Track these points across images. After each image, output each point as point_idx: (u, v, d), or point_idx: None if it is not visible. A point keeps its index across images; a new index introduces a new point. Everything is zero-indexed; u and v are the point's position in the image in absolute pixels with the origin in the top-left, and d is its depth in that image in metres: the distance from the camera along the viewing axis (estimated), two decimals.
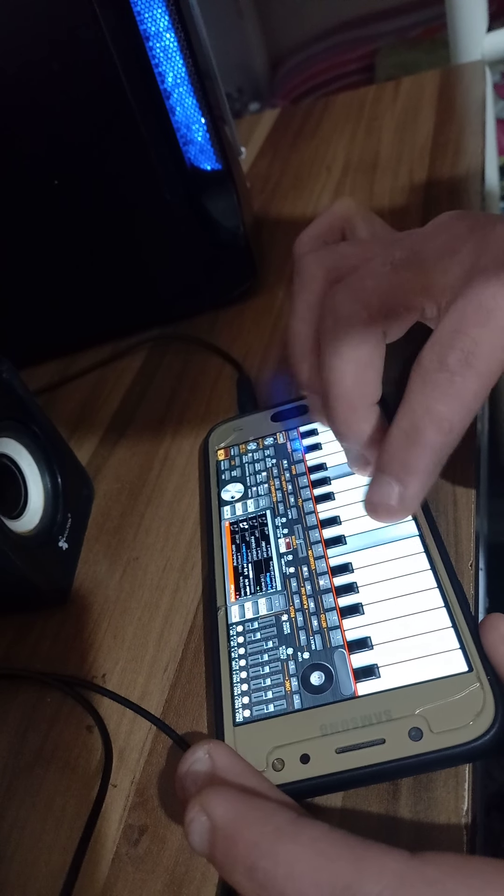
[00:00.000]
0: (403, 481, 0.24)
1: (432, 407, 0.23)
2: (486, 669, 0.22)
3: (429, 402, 0.23)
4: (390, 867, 0.16)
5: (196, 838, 0.19)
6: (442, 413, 0.23)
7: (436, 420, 0.23)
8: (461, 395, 0.23)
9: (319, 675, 0.23)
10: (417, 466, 0.24)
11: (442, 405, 0.23)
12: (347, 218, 0.33)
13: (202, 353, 0.42)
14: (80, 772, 0.26)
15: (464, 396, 0.23)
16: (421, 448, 0.23)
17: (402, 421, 0.24)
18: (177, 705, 0.26)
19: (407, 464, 0.24)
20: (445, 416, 0.23)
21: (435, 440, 0.23)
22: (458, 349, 0.22)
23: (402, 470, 0.24)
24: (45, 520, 0.32)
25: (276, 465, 0.32)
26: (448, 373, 0.23)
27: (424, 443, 0.23)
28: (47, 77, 0.35)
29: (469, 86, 0.57)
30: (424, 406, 0.23)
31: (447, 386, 0.23)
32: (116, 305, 0.45)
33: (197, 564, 0.31)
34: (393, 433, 0.24)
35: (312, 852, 0.17)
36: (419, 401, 0.23)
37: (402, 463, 0.24)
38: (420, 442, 0.23)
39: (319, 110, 0.63)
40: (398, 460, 0.24)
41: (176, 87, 0.38)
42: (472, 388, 0.23)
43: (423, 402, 0.23)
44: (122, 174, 0.38)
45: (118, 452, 0.38)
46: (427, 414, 0.23)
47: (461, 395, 0.23)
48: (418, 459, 0.24)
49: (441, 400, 0.23)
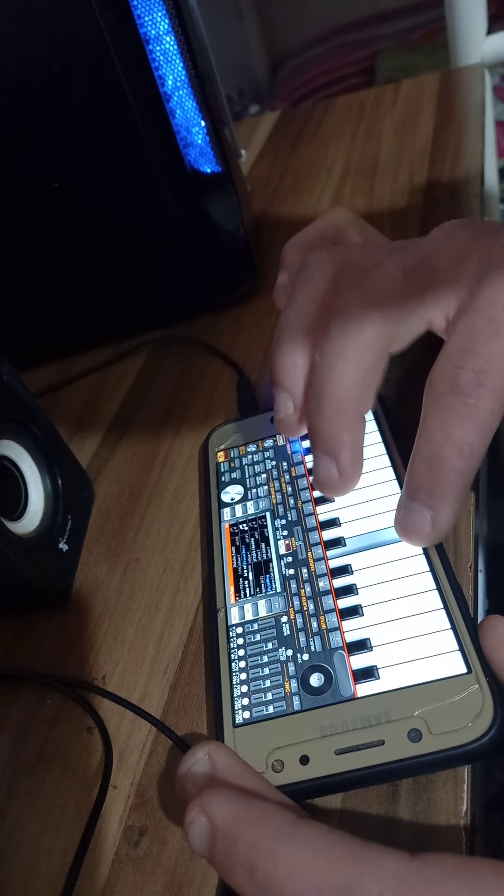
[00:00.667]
0: (433, 507, 0.24)
1: (450, 433, 0.23)
2: (484, 671, 0.22)
3: (445, 427, 0.23)
4: (390, 868, 0.16)
5: (196, 839, 0.19)
6: (460, 438, 0.22)
7: (455, 446, 0.22)
8: (477, 417, 0.22)
9: (319, 677, 0.24)
10: (445, 492, 0.23)
11: (459, 430, 0.22)
12: (340, 227, 0.32)
13: (202, 355, 0.42)
14: (81, 773, 0.26)
15: (480, 418, 0.22)
16: (445, 474, 0.23)
17: (423, 448, 0.23)
18: (177, 707, 0.26)
19: (434, 491, 0.23)
20: (464, 440, 0.22)
21: (458, 465, 0.23)
22: (468, 369, 0.22)
23: (430, 497, 0.24)
24: (46, 521, 0.32)
25: (275, 466, 0.32)
26: (462, 395, 0.22)
27: (447, 469, 0.23)
28: (47, 79, 0.35)
29: (469, 88, 0.57)
30: (442, 432, 0.23)
31: (462, 409, 0.22)
32: (117, 307, 0.45)
33: (197, 566, 0.31)
34: (415, 461, 0.24)
35: (312, 853, 0.17)
36: (436, 426, 0.23)
37: (429, 490, 0.24)
38: (443, 469, 0.23)
39: (319, 113, 0.63)
40: (425, 488, 0.24)
41: (176, 90, 0.38)
42: (488, 408, 0.22)
43: (440, 427, 0.23)
44: (122, 177, 0.38)
45: (118, 454, 0.38)
46: (446, 441, 0.23)
47: (477, 417, 0.22)
48: (444, 486, 0.23)
49: (458, 425, 0.22)
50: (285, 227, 0.51)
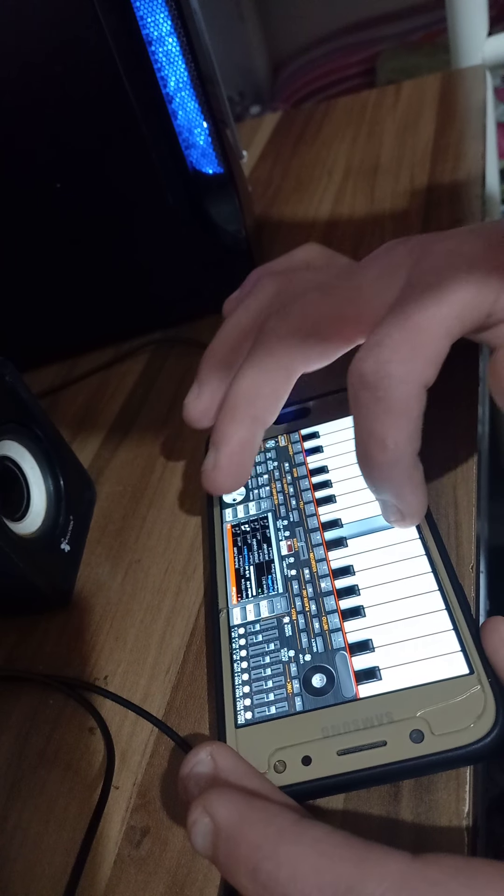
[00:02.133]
0: (396, 497, 0.24)
1: (370, 429, 0.23)
2: (486, 672, 0.22)
3: (364, 423, 0.23)
4: (392, 869, 0.16)
5: (199, 840, 0.19)
6: (380, 432, 0.23)
7: (378, 442, 0.23)
8: (390, 408, 0.22)
9: (321, 678, 0.24)
10: (390, 485, 0.24)
11: (376, 424, 0.23)
12: (308, 261, 0.33)
13: None
14: (83, 774, 0.26)
15: (393, 409, 0.22)
16: (380, 470, 0.24)
17: (357, 448, 0.24)
18: (178, 707, 0.26)
19: (381, 486, 0.24)
20: (384, 434, 0.23)
21: (387, 459, 0.23)
22: (372, 361, 0.22)
23: (384, 489, 0.24)
24: (48, 522, 0.32)
25: (277, 467, 0.32)
26: (370, 389, 0.22)
27: (380, 465, 0.23)
28: (50, 81, 0.35)
29: (470, 90, 0.57)
30: (363, 429, 0.23)
31: (374, 404, 0.22)
32: (118, 308, 0.45)
33: (199, 567, 0.31)
34: (358, 461, 0.25)
35: (315, 854, 0.17)
36: (358, 424, 0.23)
37: (378, 484, 0.24)
38: (376, 465, 0.23)
39: (321, 114, 0.63)
40: (376, 482, 0.24)
41: (178, 91, 0.38)
42: (399, 398, 0.22)
43: (361, 424, 0.23)
44: (124, 178, 0.39)
45: (120, 455, 0.38)
46: (369, 438, 0.23)
47: (390, 408, 0.22)
48: (387, 480, 0.24)
49: (374, 420, 0.23)
50: (286, 228, 0.51)
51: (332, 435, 0.32)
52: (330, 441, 0.32)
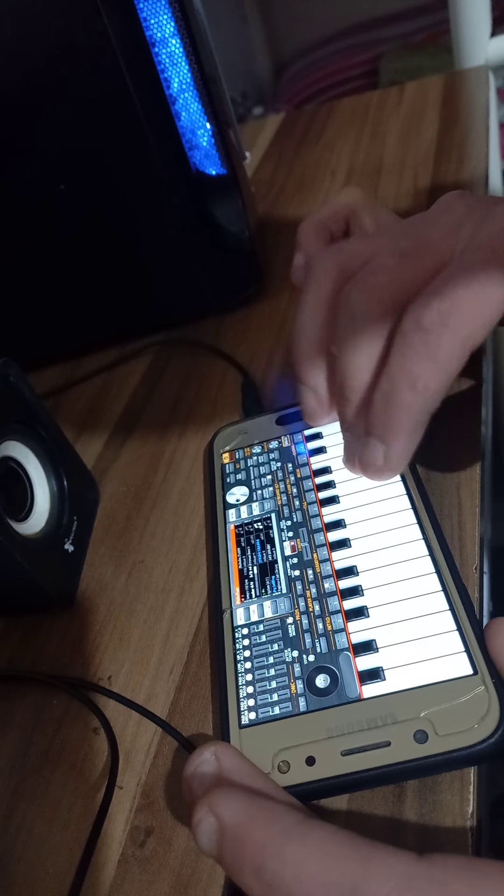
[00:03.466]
0: (386, 441, 0.25)
1: (406, 367, 0.23)
2: (490, 672, 0.22)
3: (403, 362, 0.23)
4: (397, 869, 0.16)
5: (204, 839, 0.19)
6: (416, 373, 0.23)
7: (409, 380, 0.23)
8: (435, 355, 0.23)
9: (325, 678, 0.24)
10: (396, 427, 0.24)
11: (416, 365, 0.23)
12: (352, 208, 0.33)
13: (207, 357, 0.42)
14: (87, 774, 0.26)
15: (438, 357, 0.23)
16: (397, 409, 0.24)
17: (383, 382, 0.24)
18: (182, 708, 0.26)
19: (387, 425, 0.25)
20: (419, 376, 0.23)
21: (410, 400, 0.24)
22: (434, 308, 0.23)
23: (384, 430, 0.25)
24: (51, 522, 0.32)
25: (280, 468, 0.32)
26: (423, 332, 0.23)
27: (400, 403, 0.24)
28: (54, 82, 0.36)
29: (473, 91, 0.57)
30: (399, 366, 0.24)
31: (422, 347, 0.23)
32: (122, 309, 0.45)
33: (202, 567, 0.31)
34: (375, 395, 0.25)
35: (320, 853, 0.17)
36: (396, 361, 0.24)
37: (382, 424, 0.25)
38: (396, 402, 0.24)
39: (324, 115, 0.63)
40: (380, 422, 0.25)
41: (181, 92, 0.38)
42: (447, 348, 0.23)
43: (398, 362, 0.24)
44: (127, 179, 0.39)
45: (123, 455, 0.39)
46: (402, 374, 0.23)
47: (435, 355, 0.23)
48: (396, 420, 0.24)
49: (415, 360, 0.23)
50: (290, 229, 0.50)
51: (335, 436, 0.32)
52: (333, 442, 0.32)
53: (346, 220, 0.34)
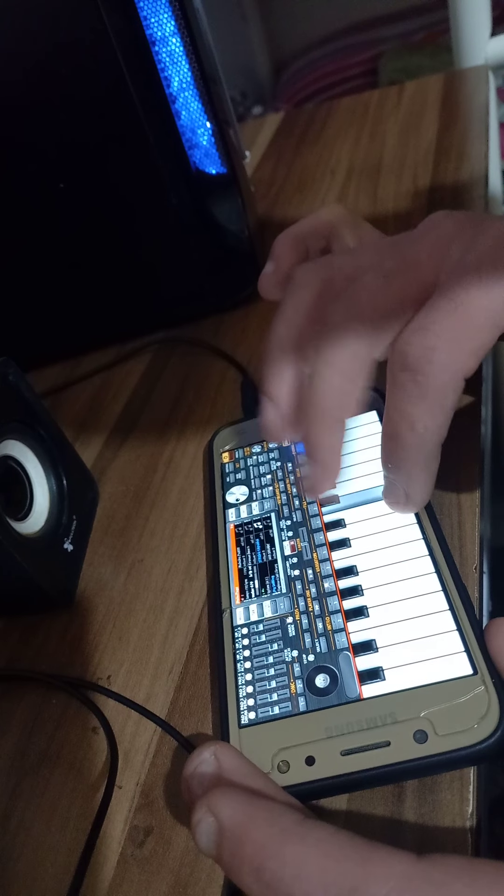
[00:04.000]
0: (403, 481, 0.25)
1: (402, 409, 0.23)
2: (490, 672, 0.22)
3: (398, 404, 0.23)
4: (397, 869, 0.16)
5: (203, 839, 0.19)
6: (413, 415, 0.23)
7: (408, 423, 0.23)
8: (426, 393, 0.23)
9: (324, 678, 0.24)
10: (408, 467, 0.24)
11: (410, 406, 0.23)
12: (333, 224, 0.32)
13: (207, 357, 0.42)
14: (86, 773, 0.26)
15: (429, 395, 0.23)
16: (403, 451, 0.24)
17: (385, 426, 0.25)
18: (182, 707, 0.26)
19: (398, 467, 0.25)
20: (417, 417, 0.23)
21: (414, 442, 0.24)
22: (417, 345, 0.22)
23: (398, 472, 0.25)
24: (51, 522, 0.32)
25: (280, 467, 0.32)
26: (410, 372, 0.23)
27: (405, 446, 0.24)
28: (53, 81, 0.36)
29: (473, 90, 0.57)
30: (396, 409, 0.24)
31: (411, 386, 0.23)
32: (121, 308, 0.45)
33: (202, 567, 0.31)
34: (382, 438, 0.25)
35: (319, 853, 0.17)
36: (392, 403, 0.24)
37: (395, 465, 0.25)
38: (401, 446, 0.24)
39: (323, 114, 0.63)
40: (392, 463, 0.25)
41: (182, 91, 0.38)
42: (437, 385, 0.22)
43: (394, 404, 0.24)
44: (127, 178, 0.39)
45: (123, 455, 0.38)
46: (400, 417, 0.23)
47: (426, 393, 0.23)
48: (405, 461, 0.24)
49: (408, 401, 0.23)
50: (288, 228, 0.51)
51: None
52: None
53: (326, 237, 0.33)
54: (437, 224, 0.26)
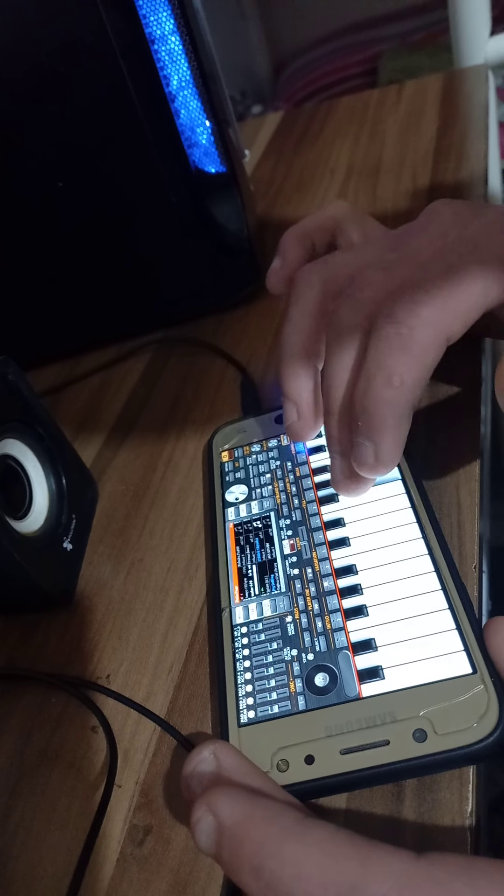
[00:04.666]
0: (373, 439, 0.24)
1: (381, 362, 0.23)
2: (490, 671, 0.22)
3: (378, 356, 0.23)
4: (396, 868, 0.16)
5: (203, 838, 0.19)
6: (391, 367, 0.23)
7: (385, 375, 0.23)
8: (408, 346, 0.23)
9: (324, 677, 0.24)
10: (379, 424, 0.24)
11: (390, 359, 0.23)
12: (338, 220, 0.33)
13: (206, 356, 0.42)
14: (85, 772, 0.26)
15: (412, 349, 0.23)
16: (378, 405, 0.24)
17: (361, 380, 0.24)
18: (181, 706, 0.26)
19: (370, 423, 0.24)
20: (395, 370, 0.23)
21: (389, 396, 0.23)
22: (406, 299, 0.23)
23: (368, 430, 0.24)
24: (50, 521, 0.32)
25: (279, 466, 0.32)
26: (395, 323, 0.23)
27: (379, 400, 0.23)
28: (53, 80, 0.35)
29: (472, 90, 0.57)
30: (375, 361, 0.23)
31: (395, 338, 0.23)
32: (121, 308, 0.45)
33: (201, 566, 0.31)
34: (356, 395, 0.24)
35: (319, 852, 0.17)
36: (371, 356, 0.24)
37: (366, 423, 0.24)
38: (375, 399, 0.24)
39: (323, 114, 0.63)
40: (363, 421, 0.24)
41: (181, 90, 0.38)
42: (421, 340, 0.23)
43: (373, 357, 0.23)
44: (126, 177, 0.39)
45: (122, 454, 0.38)
46: (377, 370, 0.23)
47: (408, 346, 0.23)
48: (379, 417, 0.24)
49: (389, 353, 0.23)
50: (288, 227, 0.50)
51: None
52: None
53: (331, 233, 0.34)
54: (437, 212, 0.26)
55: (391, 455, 0.25)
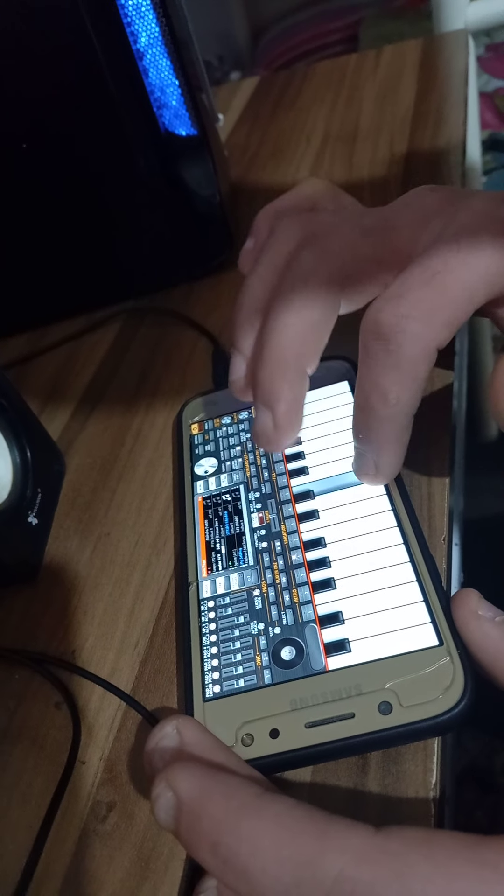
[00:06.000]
0: (375, 453, 0.24)
1: (374, 381, 0.23)
2: (456, 643, 0.21)
3: (371, 375, 0.23)
4: (353, 842, 0.16)
5: (162, 814, 0.18)
6: (385, 386, 0.22)
7: (381, 395, 0.23)
8: (398, 364, 0.22)
9: (290, 650, 0.23)
10: (379, 439, 0.24)
11: (382, 378, 0.22)
12: (314, 199, 0.32)
13: (177, 326, 0.41)
14: (49, 749, 0.25)
15: (401, 365, 0.22)
16: (375, 423, 0.23)
17: (358, 396, 0.24)
18: (147, 681, 0.26)
19: (369, 438, 0.24)
20: (389, 388, 0.22)
21: (385, 413, 0.23)
22: (391, 314, 0.22)
23: (368, 443, 0.24)
24: (14, 495, 0.31)
25: (250, 439, 0.31)
26: (383, 341, 0.22)
27: (376, 418, 0.23)
28: (11, 33, 0.34)
29: (451, 55, 0.56)
30: (368, 380, 0.23)
31: (384, 356, 0.22)
32: (89, 277, 0.43)
33: (169, 540, 0.30)
34: (354, 408, 0.24)
35: (276, 827, 0.17)
36: (364, 374, 0.23)
37: (366, 436, 0.24)
38: (372, 417, 0.23)
39: (299, 79, 0.62)
40: (363, 433, 0.24)
41: (150, 47, 0.36)
42: (410, 356, 0.22)
43: (366, 375, 0.23)
44: (92, 137, 0.37)
45: (90, 427, 0.38)
46: (372, 389, 0.23)
47: (398, 364, 0.22)
48: (377, 433, 0.24)
49: (380, 372, 0.22)
50: (263, 194, 0.49)
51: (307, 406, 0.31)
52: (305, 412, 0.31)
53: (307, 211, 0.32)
54: (419, 197, 0.25)
55: (393, 467, 0.25)
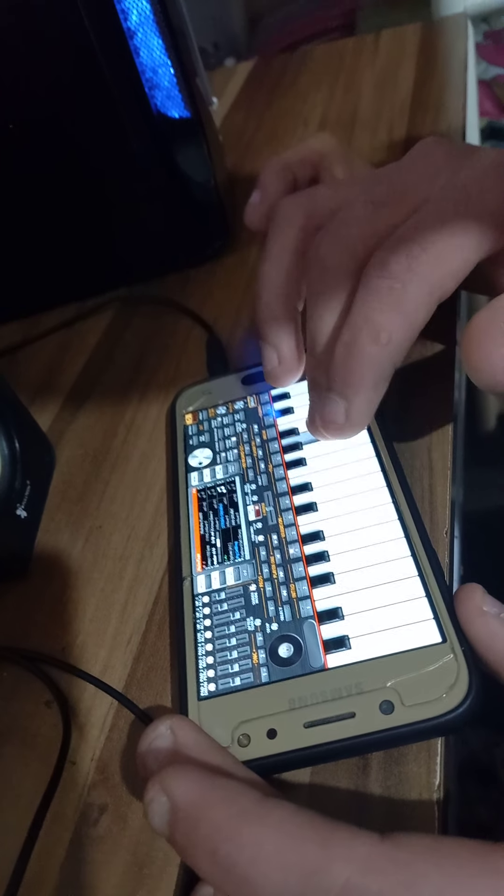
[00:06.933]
0: (347, 397, 0.23)
1: (370, 317, 0.22)
2: (460, 640, 0.21)
3: (367, 311, 0.22)
4: (359, 850, 0.15)
5: (156, 819, 0.18)
6: (379, 323, 0.22)
7: (373, 331, 0.22)
8: (401, 304, 0.22)
9: (288, 647, 0.22)
10: (358, 380, 0.23)
11: (379, 315, 0.22)
12: (323, 154, 0.31)
13: (171, 314, 0.40)
14: (39, 749, 0.24)
15: (404, 306, 0.22)
16: (359, 361, 0.22)
17: (345, 333, 0.23)
18: (140, 679, 0.25)
19: (347, 379, 0.23)
20: (383, 326, 0.22)
21: (373, 353, 0.22)
22: (401, 254, 0.21)
23: (344, 385, 0.23)
24: (2, 487, 0.30)
25: (246, 429, 0.30)
26: (389, 279, 0.22)
27: (362, 355, 0.22)
28: None
29: (451, 40, 0.55)
30: (363, 316, 0.22)
31: (387, 294, 0.22)
32: (81, 264, 0.42)
33: (163, 533, 0.30)
34: (336, 347, 0.23)
35: (279, 835, 0.16)
36: (358, 310, 0.22)
37: (343, 378, 0.23)
38: (358, 355, 0.22)
39: (296, 63, 0.60)
40: (341, 376, 0.23)
41: (141, 25, 0.35)
42: (413, 297, 0.21)
43: (361, 311, 0.22)
44: (84, 118, 0.36)
45: (82, 417, 0.37)
46: (364, 324, 0.22)
47: (401, 304, 0.22)
48: (358, 373, 0.23)
49: (379, 309, 0.22)
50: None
51: (304, 396, 0.30)
52: (301, 402, 0.30)
53: (314, 167, 0.32)
54: (427, 151, 0.25)
55: (362, 417, 0.24)
